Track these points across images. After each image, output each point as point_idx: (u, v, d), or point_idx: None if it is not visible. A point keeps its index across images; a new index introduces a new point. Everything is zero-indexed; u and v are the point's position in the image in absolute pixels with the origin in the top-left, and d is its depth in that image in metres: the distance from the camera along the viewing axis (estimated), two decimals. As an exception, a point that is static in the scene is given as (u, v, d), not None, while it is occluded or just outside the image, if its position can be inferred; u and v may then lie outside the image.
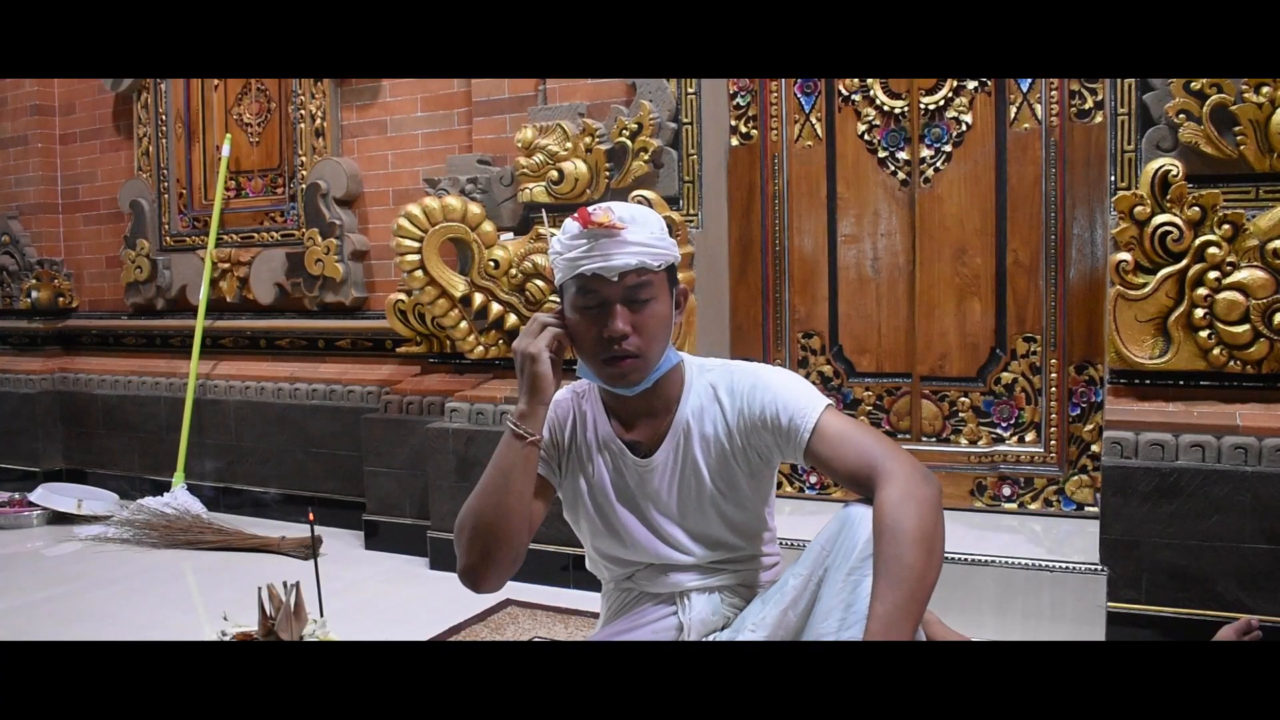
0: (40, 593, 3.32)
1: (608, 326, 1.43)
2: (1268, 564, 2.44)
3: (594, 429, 1.59)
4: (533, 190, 3.50)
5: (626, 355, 1.44)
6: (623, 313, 1.43)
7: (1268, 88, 2.55)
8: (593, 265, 1.41)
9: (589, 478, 1.59)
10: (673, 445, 1.53)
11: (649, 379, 1.49)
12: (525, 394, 1.48)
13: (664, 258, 1.46)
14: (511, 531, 1.48)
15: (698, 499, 1.55)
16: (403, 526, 3.74)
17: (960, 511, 3.28)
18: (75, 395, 4.92)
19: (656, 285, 1.46)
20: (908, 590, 1.29)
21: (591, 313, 1.45)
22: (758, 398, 1.49)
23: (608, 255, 1.40)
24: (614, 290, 1.42)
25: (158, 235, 4.70)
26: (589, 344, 1.46)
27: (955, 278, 3.31)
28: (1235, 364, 2.61)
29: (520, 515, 1.49)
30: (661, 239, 1.45)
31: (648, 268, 1.43)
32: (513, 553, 1.51)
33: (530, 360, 1.46)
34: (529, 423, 1.47)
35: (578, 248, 1.42)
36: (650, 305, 1.45)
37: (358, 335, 4.20)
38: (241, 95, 4.46)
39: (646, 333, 1.45)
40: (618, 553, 1.61)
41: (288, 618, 2.47)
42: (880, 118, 3.38)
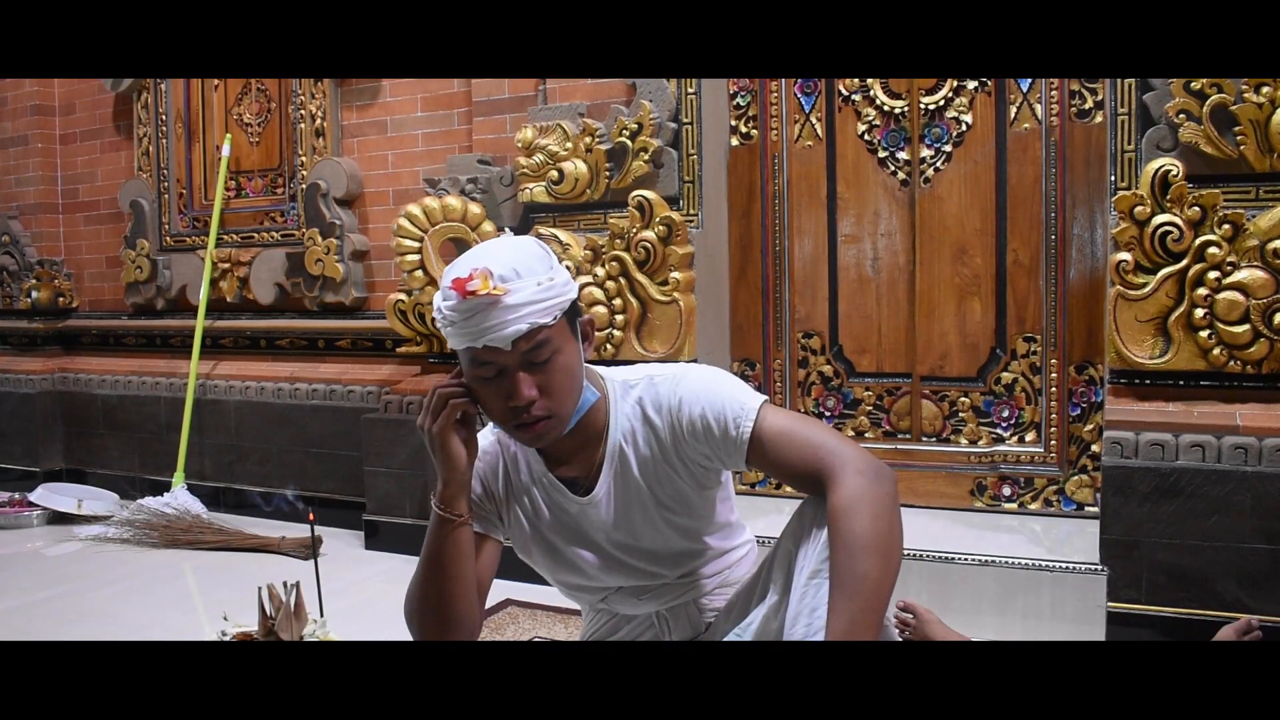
0: (40, 593, 3.32)
1: (512, 396, 1.34)
2: (1268, 564, 2.44)
3: (526, 469, 1.51)
4: (533, 190, 3.50)
5: (537, 420, 1.35)
6: (525, 379, 1.34)
7: (1268, 88, 2.55)
8: (482, 340, 1.32)
9: (531, 519, 1.52)
10: (610, 475, 1.46)
11: (568, 426, 1.41)
12: (440, 472, 1.39)
13: (555, 308, 1.34)
14: (460, 614, 1.42)
15: (649, 521, 1.48)
16: (403, 526, 3.74)
17: (960, 511, 3.28)
18: (75, 395, 4.92)
19: (556, 338, 1.35)
20: (862, 601, 1.21)
21: (491, 383, 1.36)
22: (685, 411, 1.40)
23: (494, 326, 1.30)
24: (510, 358, 1.33)
25: (158, 235, 4.70)
26: (495, 413, 1.38)
27: (955, 278, 3.31)
28: (1235, 364, 2.61)
29: (465, 597, 1.42)
30: (549, 288, 1.33)
31: (541, 325, 1.32)
32: (467, 628, 1.44)
33: (436, 440, 1.38)
34: (454, 503, 1.38)
35: (460, 318, 1.32)
36: (553, 361, 1.35)
37: (358, 335, 4.20)
38: (241, 95, 4.46)
39: (555, 392, 1.35)
40: (578, 581, 1.56)
41: (288, 618, 2.47)
42: (880, 118, 3.38)
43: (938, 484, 3.34)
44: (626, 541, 1.49)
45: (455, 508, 1.38)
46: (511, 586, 3.27)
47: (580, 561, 1.52)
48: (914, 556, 2.83)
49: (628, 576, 1.53)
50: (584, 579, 1.55)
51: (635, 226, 3.28)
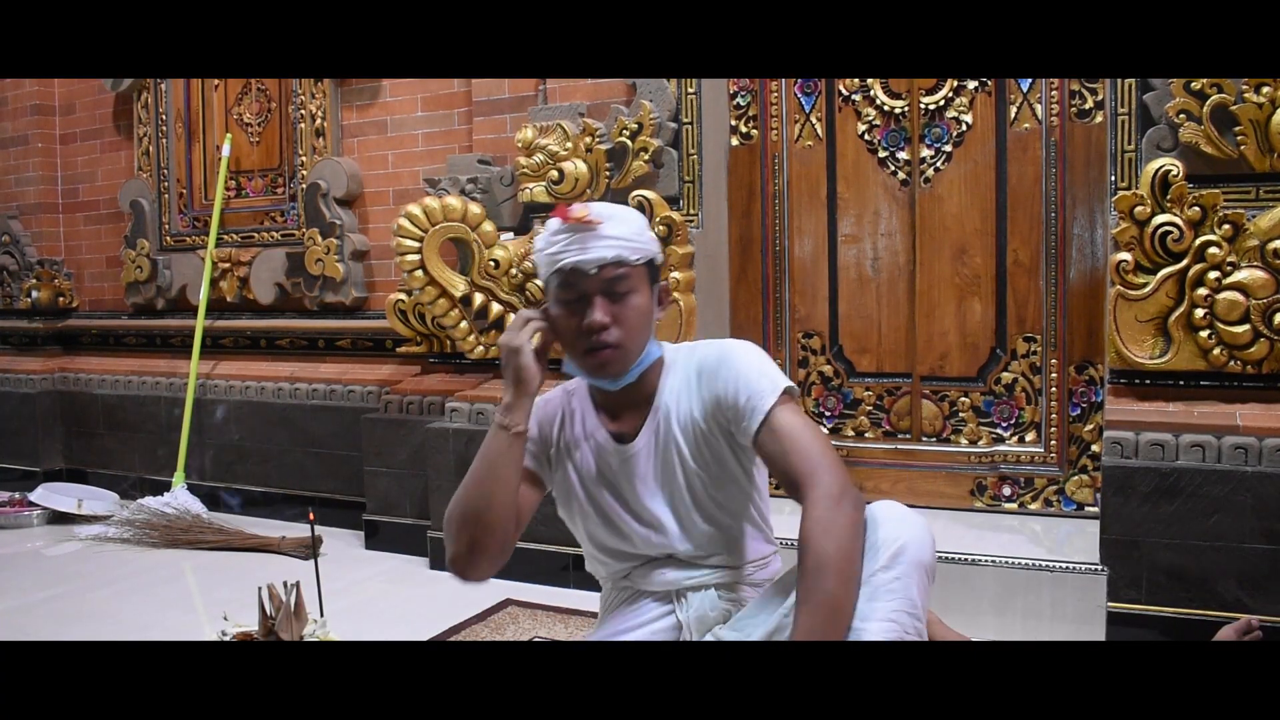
0: (40, 593, 3.32)
1: (587, 318, 1.46)
2: (1268, 564, 2.44)
3: (581, 423, 1.62)
4: (533, 190, 3.50)
5: (606, 346, 1.47)
6: (602, 304, 1.46)
7: (1268, 88, 2.55)
8: (571, 259, 1.45)
9: (578, 469, 1.61)
10: (652, 429, 1.56)
11: (631, 373, 1.52)
12: (509, 386, 1.51)
13: (642, 252, 1.49)
14: (497, 522, 1.51)
15: (683, 481, 1.56)
16: (403, 526, 3.74)
17: (960, 511, 3.29)
18: (75, 395, 4.92)
19: (635, 278, 1.49)
20: (824, 616, 1.31)
21: (572, 305, 1.48)
22: (721, 374, 1.51)
23: (585, 248, 1.44)
24: (592, 283, 1.46)
25: (158, 235, 4.70)
26: (570, 336, 1.50)
27: (955, 277, 3.31)
28: (1235, 364, 2.61)
29: (506, 505, 1.52)
30: (640, 235, 1.50)
31: (625, 261, 1.46)
32: (499, 543, 1.54)
33: (513, 353, 1.49)
34: (513, 415, 1.50)
35: (557, 243, 1.47)
36: (629, 298, 1.48)
37: (358, 335, 4.20)
38: (241, 95, 4.46)
39: (626, 324, 1.48)
40: (612, 543, 1.63)
41: (288, 618, 2.47)
42: (880, 118, 3.38)
43: (938, 484, 3.34)
44: (658, 500, 1.57)
45: (515, 420, 1.50)
46: (512, 586, 3.27)
47: (616, 517, 1.59)
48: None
49: (653, 539, 1.59)
50: (614, 538, 1.62)
51: (635, 226, 3.27)
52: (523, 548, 3.35)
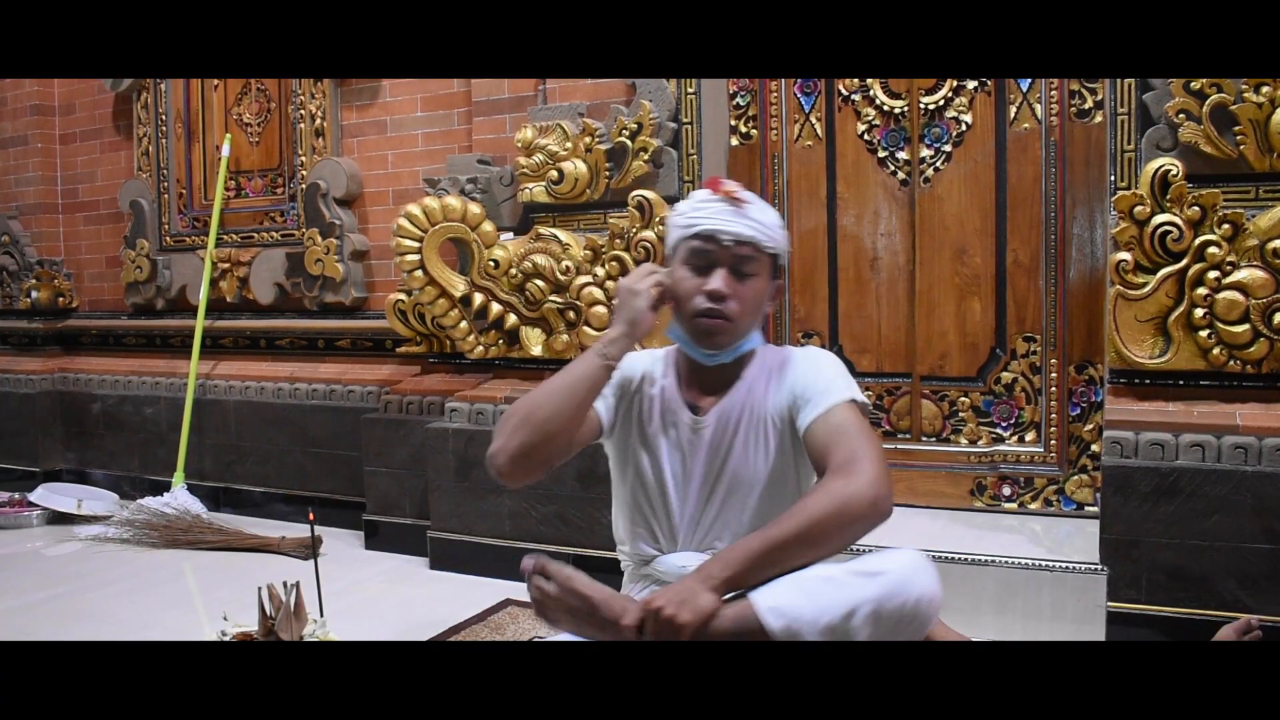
0: (40, 593, 3.32)
1: (710, 283, 1.54)
2: (1268, 564, 2.44)
3: (661, 388, 1.67)
4: (533, 190, 3.50)
5: (720, 315, 1.55)
6: (726, 276, 1.55)
7: (1268, 88, 2.55)
8: (712, 225, 1.53)
9: (645, 429, 1.66)
10: (725, 406, 1.61)
11: (731, 352, 1.60)
12: (620, 323, 1.58)
13: (775, 243, 1.59)
14: (556, 434, 1.54)
15: (739, 464, 1.59)
16: (403, 526, 3.74)
17: (960, 511, 3.29)
18: (75, 395, 4.92)
19: (761, 264, 1.58)
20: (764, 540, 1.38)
21: (698, 269, 1.56)
22: (801, 366, 1.60)
23: (728, 220, 1.54)
24: (724, 254, 1.55)
25: (158, 235, 4.70)
26: (687, 295, 1.57)
27: (955, 277, 3.31)
28: (1235, 364, 2.61)
29: (571, 422, 1.55)
30: (776, 228, 1.59)
31: (758, 245, 1.56)
32: (545, 455, 1.56)
33: (632, 295, 1.57)
34: (614, 348, 1.56)
35: (703, 210, 1.56)
36: (751, 280, 1.57)
37: (358, 335, 4.20)
38: (241, 95, 4.46)
39: (742, 302, 1.56)
40: (649, 515, 1.65)
41: (288, 618, 2.47)
42: (880, 117, 3.38)
43: (938, 484, 3.34)
44: (711, 481, 1.60)
45: (613, 353, 1.56)
46: (511, 587, 3.27)
47: (664, 487, 1.62)
48: (914, 556, 2.82)
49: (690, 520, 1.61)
50: (656, 515, 1.64)
51: (635, 226, 3.28)
52: (522, 548, 3.37)
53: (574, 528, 3.29)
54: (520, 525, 3.38)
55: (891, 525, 1.52)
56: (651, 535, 1.67)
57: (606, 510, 3.24)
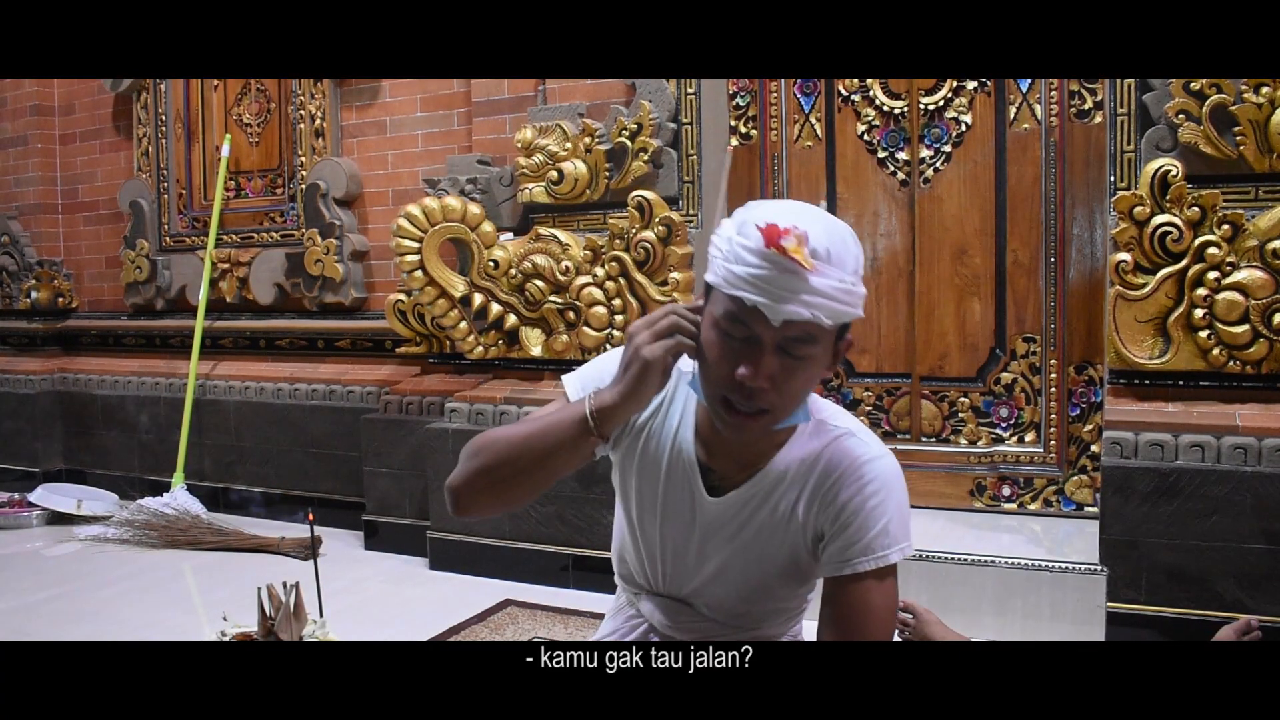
0: (40, 593, 3.32)
1: (747, 369, 1.16)
2: (1267, 564, 2.44)
3: (676, 431, 1.37)
4: (532, 190, 3.50)
5: (755, 410, 1.19)
6: (771, 361, 1.17)
7: (1267, 88, 2.55)
8: (757, 299, 1.13)
9: (647, 474, 1.38)
10: (747, 497, 1.32)
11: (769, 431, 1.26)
12: (619, 393, 1.24)
13: (842, 315, 1.17)
14: (518, 495, 1.33)
15: (751, 561, 1.36)
16: (402, 527, 3.74)
17: (960, 512, 3.29)
18: (75, 395, 4.92)
19: (821, 343, 1.18)
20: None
21: (734, 343, 1.18)
22: (849, 490, 1.27)
23: (779, 295, 1.13)
24: (770, 334, 1.16)
25: (157, 235, 4.70)
26: (715, 374, 1.21)
27: (955, 278, 3.31)
28: (1235, 364, 2.61)
29: (537, 488, 1.33)
30: (850, 291, 1.16)
31: (819, 324, 1.15)
32: (508, 507, 1.36)
33: (644, 367, 1.22)
34: (609, 422, 1.25)
35: (748, 265, 1.14)
36: (804, 363, 1.18)
37: (357, 335, 4.20)
38: (241, 95, 4.46)
39: (787, 391, 1.19)
40: (641, 562, 1.45)
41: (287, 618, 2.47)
42: (880, 118, 3.38)
43: (937, 484, 3.34)
44: (713, 564, 1.38)
45: (607, 428, 1.26)
46: (511, 587, 3.27)
47: (659, 545, 1.40)
48: (914, 556, 2.82)
49: (683, 589, 1.42)
50: (647, 562, 1.43)
51: (635, 227, 3.28)
52: (522, 548, 3.38)
53: (573, 528, 3.29)
54: (520, 526, 3.38)
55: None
56: (638, 575, 1.48)
57: (606, 511, 3.26)
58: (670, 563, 1.40)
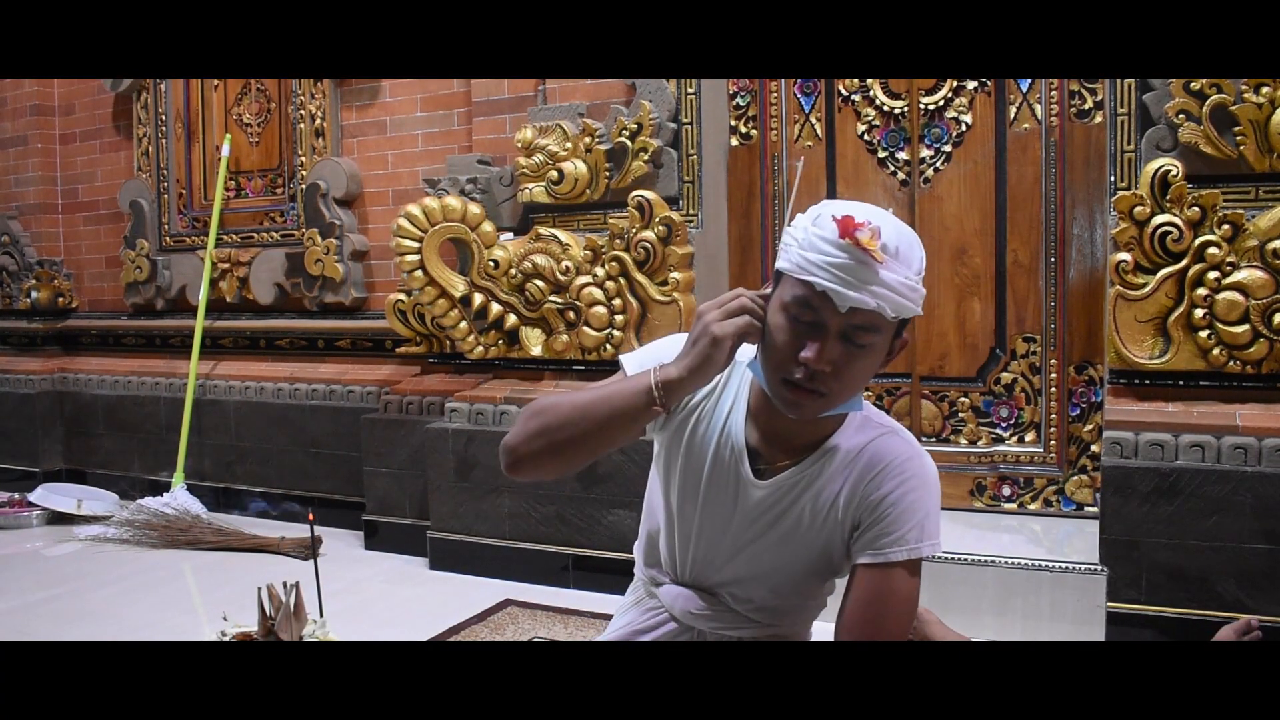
0: (40, 593, 3.32)
1: (810, 350, 1.23)
2: (1267, 564, 2.44)
3: (728, 415, 1.40)
4: (532, 190, 3.50)
5: (813, 390, 1.25)
6: (833, 346, 1.23)
7: (1267, 88, 2.55)
8: (828, 284, 1.21)
9: (693, 456, 1.41)
10: (792, 483, 1.36)
11: (823, 414, 1.31)
12: (686, 366, 1.29)
13: (905, 310, 1.25)
14: (574, 458, 1.37)
15: (785, 551, 1.38)
16: (402, 527, 3.74)
17: (960, 511, 3.29)
18: (75, 395, 4.92)
19: (881, 334, 1.26)
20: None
21: (800, 326, 1.25)
22: (888, 484, 1.33)
23: (850, 282, 1.20)
24: (836, 319, 1.23)
25: (157, 235, 4.70)
26: (779, 354, 1.27)
27: (955, 278, 3.31)
28: (1235, 364, 2.61)
29: (593, 454, 1.37)
30: (914, 288, 1.25)
31: (883, 315, 1.23)
32: (562, 470, 1.40)
33: (712, 342, 1.27)
34: (673, 394, 1.29)
35: (821, 252, 1.22)
36: (864, 352, 1.25)
37: (357, 335, 4.20)
38: (241, 95, 4.46)
39: (845, 377, 1.26)
40: (674, 549, 1.46)
41: (287, 618, 2.47)
42: (880, 118, 3.38)
43: (937, 484, 3.33)
44: (748, 547, 1.40)
45: (671, 400, 1.30)
46: (511, 587, 3.27)
47: (696, 525, 1.42)
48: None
49: (710, 575, 1.43)
50: (680, 546, 1.45)
51: (635, 227, 3.28)
52: (522, 548, 3.38)
53: (574, 528, 3.29)
54: (520, 526, 3.38)
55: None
56: (665, 561, 1.48)
57: (606, 511, 3.26)
58: (704, 547, 1.43)
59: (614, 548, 3.20)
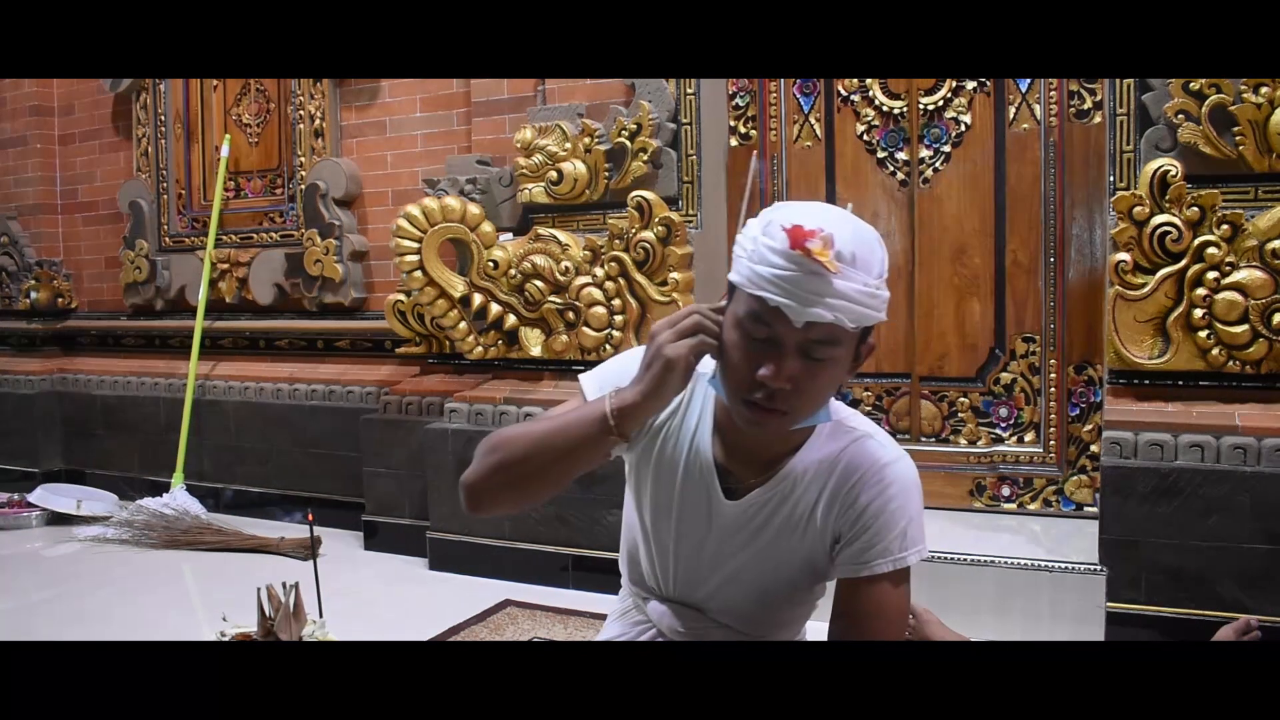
0: (39, 593, 3.32)
1: (768, 370, 1.16)
2: (1267, 564, 2.44)
3: (694, 433, 1.36)
4: (532, 191, 3.50)
5: (772, 408, 1.19)
6: (792, 363, 1.16)
7: (1266, 88, 2.55)
8: (780, 300, 1.13)
9: (663, 476, 1.37)
10: (763, 500, 1.32)
11: (787, 431, 1.26)
12: (640, 392, 1.23)
13: (865, 319, 1.17)
14: (535, 492, 1.34)
15: (766, 565, 1.34)
16: (402, 527, 3.74)
17: (959, 512, 3.29)
18: (74, 396, 4.91)
19: (843, 345, 1.18)
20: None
21: (755, 343, 1.18)
22: (868, 494, 1.27)
23: (803, 297, 1.13)
24: (792, 335, 1.15)
25: (157, 236, 4.70)
26: (736, 374, 1.21)
27: (954, 278, 3.32)
28: (1234, 364, 2.61)
29: (553, 486, 1.33)
30: (874, 294, 1.16)
31: (841, 327, 1.15)
32: (524, 504, 1.37)
33: (665, 366, 1.21)
34: (629, 421, 1.24)
35: (771, 265, 1.14)
36: (825, 364, 1.18)
37: (357, 336, 4.20)
38: (240, 96, 4.46)
39: (807, 393, 1.19)
40: (653, 567, 1.43)
41: (287, 619, 2.47)
42: (879, 118, 3.38)
43: (937, 484, 3.34)
44: (727, 567, 1.36)
45: (627, 427, 1.24)
46: (510, 587, 3.27)
47: (674, 546, 1.39)
48: (913, 557, 2.83)
49: (694, 594, 1.40)
50: (658, 564, 1.42)
51: (634, 227, 3.28)
52: (521, 548, 3.38)
53: (574, 528, 3.29)
54: (520, 526, 3.38)
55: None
56: (648, 578, 1.45)
57: (606, 511, 3.26)
58: (683, 566, 1.38)
59: (614, 548, 3.16)
